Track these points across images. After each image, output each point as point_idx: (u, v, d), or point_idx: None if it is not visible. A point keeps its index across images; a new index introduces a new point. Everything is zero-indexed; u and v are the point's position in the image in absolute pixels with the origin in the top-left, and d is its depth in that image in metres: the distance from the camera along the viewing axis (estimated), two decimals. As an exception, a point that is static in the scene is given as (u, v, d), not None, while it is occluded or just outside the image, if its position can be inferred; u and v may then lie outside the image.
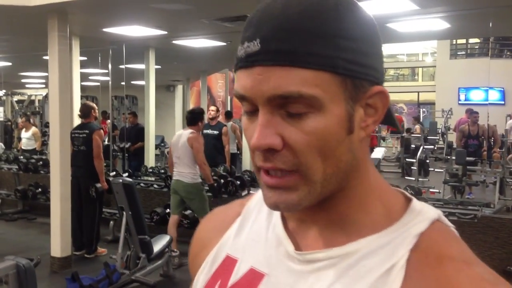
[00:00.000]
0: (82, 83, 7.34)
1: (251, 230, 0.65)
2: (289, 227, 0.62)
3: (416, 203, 0.58)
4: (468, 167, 7.17)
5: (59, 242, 5.00)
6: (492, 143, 8.03)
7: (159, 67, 8.45)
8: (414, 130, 11.01)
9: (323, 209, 0.57)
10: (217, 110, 7.49)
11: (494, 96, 13.55)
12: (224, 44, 7.12)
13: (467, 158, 7.20)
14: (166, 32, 6.32)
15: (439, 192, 6.92)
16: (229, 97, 15.18)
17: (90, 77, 10.36)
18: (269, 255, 0.61)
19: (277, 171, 0.54)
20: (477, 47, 16.29)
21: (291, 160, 0.53)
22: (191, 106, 13.32)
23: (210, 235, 0.70)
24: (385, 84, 0.58)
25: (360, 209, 0.58)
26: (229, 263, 0.64)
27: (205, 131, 7.45)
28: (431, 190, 6.97)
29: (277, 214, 0.64)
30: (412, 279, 0.52)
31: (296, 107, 0.51)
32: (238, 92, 0.54)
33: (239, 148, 8.24)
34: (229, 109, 15.12)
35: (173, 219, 5.08)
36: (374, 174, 0.60)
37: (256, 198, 0.68)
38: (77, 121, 5.68)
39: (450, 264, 0.52)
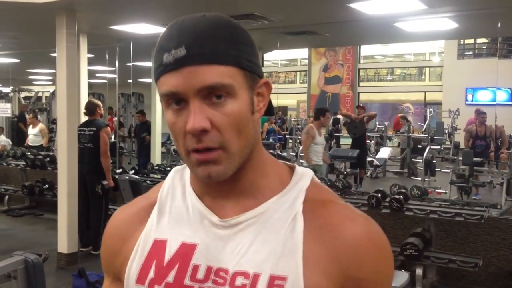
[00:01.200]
0: (89, 80, 7.35)
1: (171, 214, 0.77)
2: (206, 204, 0.75)
3: (298, 168, 0.79)
4: (475, 167, 7.13)
5: (66, 238, 5.03)
6: (499, 143, 7.97)
7: (166, 64, 8.45)
8: (406, 130, 10.93)
9: (237, 179, 0.73)
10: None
11: (501, 96, 13.46)
12: (231, 42, 7.12)
13: (474, 159, 7.16)
14: (173, 30, 6.33)
15: (445, 193, 6.89)
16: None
17: (97, 75, 10.39)
18: (196, 229, 0.74)
19: (205, 149, 0.68)
20: (484, 47, 16.18)
21: (218, 138, 0.68)
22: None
23: (129, 228, 0.80)
24: (392, 83, 0.62)
25: (262, 176, 0.75)
26: (159, 245, 0.75)
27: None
28: (437, 190, 6.94)
29: (192, 196, 0.77)
30: (309, 220, 0.72)
31: (219, 93, 0.67)
32: (169, 90, 0.68)
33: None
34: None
35: None
36: (264, 150, 0.78)
37: (165, 188, 0.81)
38: (84, 118, 5.69)
39: (331, 205, 0.74)
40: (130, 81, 8.63)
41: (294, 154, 10.38)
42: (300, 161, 7.59)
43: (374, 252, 0.71)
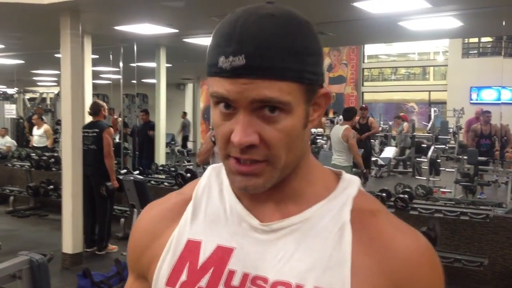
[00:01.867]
0: (94, 81, 7.38)
1: (207, 213, 0.73)
2: (245, 205, 0.72)
3: (345, 174, 0.75)
4: (480, 166, 7.10)
5: (70, 238, 5.04)
6: (504, 142, 7.94)
7: (170, 65, 8.48)
8: (402, 129, 10.91)
9: (278, 187, 0.69)
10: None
11: (506, 95, 13.40)
12: (235, 42, 7.12)
13: (479, 158, 7.13)
14: (177, 30, 6.34)
15: (450, 192, 6.87)
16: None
17: (102, 75, 10.42)
18: (233, 232, 0.70)
19: (247, 160, 0.65)
20: (489, 46, 16.11)
21: (265, 152, 0.64)
22: (201, 104, 13.35)
23: (160, 225, 0.76)
24: (396, 83, 0.62)
25: (308, 184, 0.72)
26: (192, 246, 0.71)
27: (215, 129, 7.47)
28: (442, 189, 6.91)
29: (231, 196, 0.73)
30: (357, 231, 0.68)
31: (271, 110, 0.63)
32: (222, 94, 0.63)
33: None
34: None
35: None
36: (312, 156, 0.74)
37: (201, 186, 0.77)
38: (88, 118, 5.71)
39: (380, 215, 0.70)
40: (135, 81, 8.65)
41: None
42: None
43: (427, 267, 0.68)
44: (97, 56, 7.62)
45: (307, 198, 0.70)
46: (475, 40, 15.60)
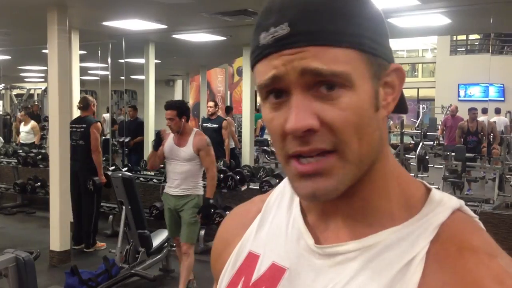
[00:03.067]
0: (82, 77, 7.32)
1: (272, 225, 0.65)
2: (309, 221, 0.61)
3: (435, 193, 0.58)
4: (467, 163, 7.17)
5: (58, 236, 5.00)
6: (491, 139, 8.02)
7: (159, 61, 8.43)
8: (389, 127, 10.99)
9: (348, 196, 0.56)
10: (215, 105, 7.48)
11: (493, 92, 13.54)
12: (224, 38, 7.10)
13: (467, 154, 7.20)
14: (166, 26, 6.30)
15: (438, 188, 6.89)
16: (228, 92, 15.17)
17: (90, 71, 10.34)
18: (289, 250, 0.60)
19: (310, 158, 0.53)
20: (477, 43, 16.26)
21: (330, 138, 0.52)
22: (190, 101, 13.31)
23: (233, 232, 0.69)
24: None
25: (382, 195, 0.57)
26: (251, 259, 0.64)
27: (204, 124, 7.47)
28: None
29: (296, 208, 0.63)
30: (432, 271, 0.52)
31: (329, 87, 0.52)
32: (268, 76, 0.53)
33: (235, 143, 8.22)
34: (228, 104, 15.11)
35: None
36: (393, 159, 0.59)
37: (275, 194, 0.68)
38: (76, 115, 5.66)
39: (471, 256, 0.51)
40: (123, 78, 8.59)
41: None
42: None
43: None
44: (85, 52, 7.55)
45: (380, 216, 0.56)
46: (463, 37, 15.73)
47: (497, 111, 10.08)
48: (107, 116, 10.08)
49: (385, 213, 0.56)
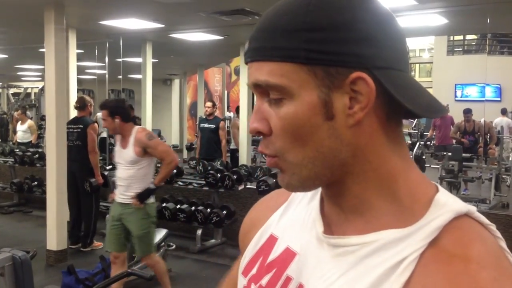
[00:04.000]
0: (79, 76, 7.30)
1: (294, 212, 0.69)
2: (325, 212, 0.64)
3: (441, 195, 0.57)
4: (464, 163, 7.19)
5: (55, 235, 4.99)
6: (488, 139, 8.04)
7: (156, 60, 8.43)
8: None
9: (340, 193, 0.60)
10: (213, 106, 7.46)
11: (490, 92, 13.57)
12: (222, 38, 7.10)
13: (463, 154, 7.22)
14: (163, 25, 6.30)
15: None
16: (226, 92, 15.16)
17: (87, 70, 10.32)
18: (303, 236, 0.64)
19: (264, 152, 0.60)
20: (474, 43, 16.29)
21: (271, 145, 0.58)
22: (188, 100, 13.31)
23: (261, 214, 0.74)
24: None
25: (380, 195, 0.58)
26: (271, 241, 0.69)
27: (201, 125, 7.46)
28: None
29: (317, 199, 0.67)
30: (419, 274, 0.52)
31: (273, 94, 0.57)
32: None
33: (236, 144, 8.21)
34: (225, 103, 15.10)
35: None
36: (402, 162, 0.59)
37: None
38: (73, 114, 5.66)
39: (459, 265, 0.50)
40: (120, 77, 8.58)
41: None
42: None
43: None
44: (82, 51, 7.54)
45: (378, 215, 0.58)
46: (460, 37, 15.76)
47: (503, 112, 10.06)
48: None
49: (387, 213, 0.57)
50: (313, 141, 0.56)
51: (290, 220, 0.68)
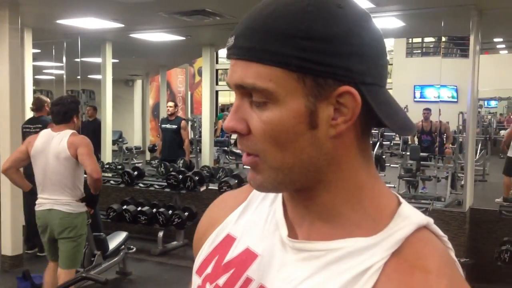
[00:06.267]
0: (36, 77, 7.11)
1: (254, 213, 0.69)
2: (289, 214, 0.64)
3: (404, 208, 0.60)
4: (421, 162, 7.39)
5: (9, 240, 4.86)
6: (444, 139, 8.29)
7: (117, 61, 8.29)
8: None
9: (309, 198, 0.60)
10: (175, 106, 7.42)
11: (448, 93, 13.98)
12: (183, 38, 7.05)
13: (421, 154, 7.41)
14: (123, 25, 6.20)
15: (394, 187, 7.09)
16: (189, 93, 15.06)
17: (45, 71, 10.06)
18: (265, 238, 0.64)
19: (243, 150, 0.60)
20: (431, 46, 16.77)
21: (253, 145, 0.58)
22: (150, 101, 13.15)
23: (219, 214, 0.73)
24: None
25: (347, 204, 0.59)
26: (228, 240, 0.68)
27: (163, 125, 7.40)
28: (386, 185, 7.12)
29: (279, 201, 0.66)
30: (384, 284, 0.54)
31: (257, 97, 0.56)
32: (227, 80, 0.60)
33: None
34: (189, 104, 15.00)
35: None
36: (368, 174, 0.61)
37: None
38: (29, 115, 5.50)
39: (419, 275, 0.53)
40: (79, 77, 8.39)
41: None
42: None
43: None
44: (39, 51, 7.34)
45: (345, 224, 0.59)
46: (419, 40, 16.19)
47: None
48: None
49: (352, 222, 0.59)
50: (294, 148, 0.56)
51: (250, 221, 0.68)
